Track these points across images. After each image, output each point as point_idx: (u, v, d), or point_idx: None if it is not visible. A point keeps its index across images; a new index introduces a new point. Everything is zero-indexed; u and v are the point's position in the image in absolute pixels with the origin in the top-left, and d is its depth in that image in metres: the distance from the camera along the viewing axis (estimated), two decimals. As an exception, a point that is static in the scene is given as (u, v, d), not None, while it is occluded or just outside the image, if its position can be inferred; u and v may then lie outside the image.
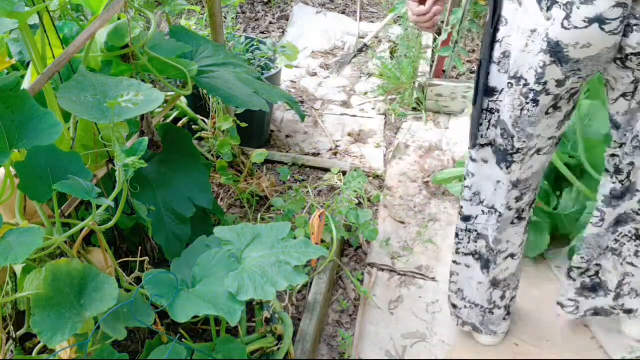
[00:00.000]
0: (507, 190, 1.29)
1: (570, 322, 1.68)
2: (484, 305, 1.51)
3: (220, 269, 1.12)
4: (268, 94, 1.52)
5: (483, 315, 1.53)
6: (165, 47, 1.39)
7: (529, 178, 1.29)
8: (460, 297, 1.55)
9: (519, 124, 1.18)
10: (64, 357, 1.05)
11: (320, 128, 2.66)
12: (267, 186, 2.09)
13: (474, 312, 1.54)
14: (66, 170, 1.04)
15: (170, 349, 1.06)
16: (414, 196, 2.21)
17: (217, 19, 1.80)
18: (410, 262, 1.90)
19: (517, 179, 1.28)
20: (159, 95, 1.06)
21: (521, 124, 1.18)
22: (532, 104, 1.13)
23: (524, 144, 1.21)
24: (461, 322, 1.59)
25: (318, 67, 3.24)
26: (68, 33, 1.44)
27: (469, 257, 1.47)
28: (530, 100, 1.13)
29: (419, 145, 2.51)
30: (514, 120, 1.18)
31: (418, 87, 2.70)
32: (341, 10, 3.87)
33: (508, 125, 1.20)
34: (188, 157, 1.57)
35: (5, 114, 0.97)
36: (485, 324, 1.55)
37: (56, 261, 0.97)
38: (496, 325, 1.56)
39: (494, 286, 1.48)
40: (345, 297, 1.78)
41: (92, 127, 1.26)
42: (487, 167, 1.31)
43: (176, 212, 1.47)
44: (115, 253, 1.43)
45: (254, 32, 3.62)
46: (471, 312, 1.55)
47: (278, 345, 1.45)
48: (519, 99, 1.15)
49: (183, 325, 1.46)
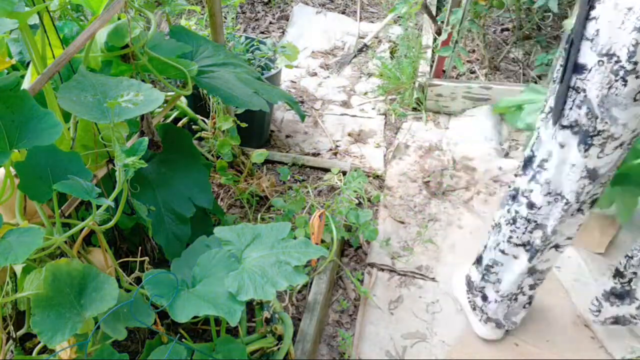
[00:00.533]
0: (579, 176, 1.26)
1: (570, 322, 1.68)
2: (513, 291, 1.49)
3: (220, 269, 1.12)
4: (268, 94, 1.52)
5: (509, 305, 1.52)
6: (165, 47, 1.39)
7: (604, 173, 1.26)
8: (496, 289, 1.53)
9: (605, 104, 1.17)
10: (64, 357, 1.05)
11: (320, 128, 2.66)
12: (267, 186, 2.09)
13: (502, 304, 1.53)
14: (66, 170, 1.04)
15: (170, 349, 1.06)
16: (414, 196, 2.21)
17: (217, 19, 1.80)
18: (410, 262, 1.90)
19: (593, 166, 1.25)
20: (159, 95, 1.06)
21: (607, 104, 1.16)
22: (621, 82, 1.13)
23: (607, 126, 1.19)
24: (485, 317, 1.59)
25: (318, 67, 3.24)
26: (68, 33, 1.44)
27: (519, 248, 1.43)
28: (619, 78, 1.12)
29: (419, 145, 2.51)
30: (600, 99, 1.17)
31: (418, 87, 2.70)
32: (341, 10, 3.87)
33: (594, 105, 1.18)
34: (188, 157, 1.57)
35: (5, 114, 0.97)
36: (507, 317, 1.55)
37: (56, 261, 0.97)
38: (515, 314, 1.56)
39: (530, 274, 1.46)
40: (345, 297, 1.78)
41: (92, 127, 1.26)
42: (565, 150, 1.27)
43: (176, 212, 1.47)
44: (115, 253, 1.43)
45: (254, 32, 3.62)
46: (500, 306, 1.54)
47: (278, 345, 1.45)
48: (608, 77, 1.14)
49: (183, 325, 1.46)
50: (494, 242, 1.50)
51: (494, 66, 3.00)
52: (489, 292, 1.56)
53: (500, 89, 2.63)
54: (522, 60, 3.04)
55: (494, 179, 2.28)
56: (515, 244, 1.43)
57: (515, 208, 1.41)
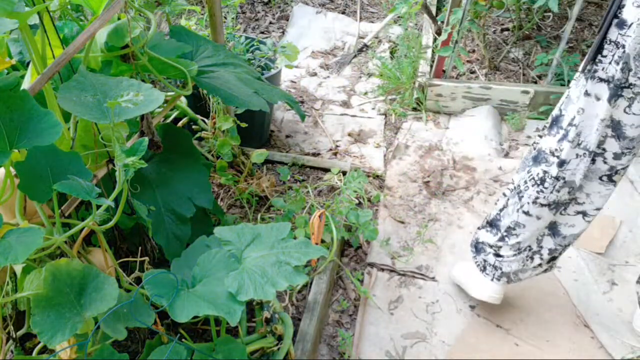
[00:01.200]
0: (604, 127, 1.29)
1: (570, 322, 1.68)
2: (532, 247, 1.52)
3: (220, 269, 1.12)
4: (268, 94, 1.52)
5: (524, 261, 1.54)
6: (165, 47, 1.39)
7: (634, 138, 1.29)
8: (516, 249, 1.53)
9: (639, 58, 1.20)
10: (64, 357, 1.05)
11: (320, 128, 2.66)
12: (267, 186, 2.09)
13: (519, 258, 1.54)
14: (66, 170, 1.04)
15: (170, 349, 1.06)
16: (414, 196, 2.21)
17: (217, 19, 1.80)
18: (410, 262, 1.90)
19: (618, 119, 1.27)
20: (159, 95, 1.06)
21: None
22: None
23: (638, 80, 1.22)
24: (498, 274, 1.59)
25: (318, 67, 3.24)
26: (68, 33, 1.43)
27: (544, 208, 1.44)
28: None
29: (419, 145, 2.51)
30: (636, 52, 1.20)
31: (418, 87, 2.70)
32: (341, 10, 3.87)
33: (630, 58, 1.22)
34: (188, 157, 1.57)
35: (5, 114, 0.97)
36: (517, 273, 1.57)
37: (56, 261, 0.97)
38: (525, 273, 1.57)
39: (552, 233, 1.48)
40: (345, 297, 1.78)
41: (92, 127, 1.26)
42: (599, 104, 1.29)
43: (176, 212, 1.47)
44: (115, 253, 1.43)
45: (254, 32, 3.62)
46: (516, 259, 1.54)
47: (278, 345, 1.45)
48: None
49: (183, 325, 1.46)
50: (515, 205, 1.49)
51: (494, 66, 3.00)
52: (506, 251, 1.55)
53: (500, 89, 2.63)
54: (522, 60, 3.04)
55: (494, 179, 2.28)
56: (541, 204, 1.43)
57: (543, 168, 1.40)
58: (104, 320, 0.96)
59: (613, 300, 1.75)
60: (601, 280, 1.82)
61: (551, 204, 1.43)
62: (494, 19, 3.39)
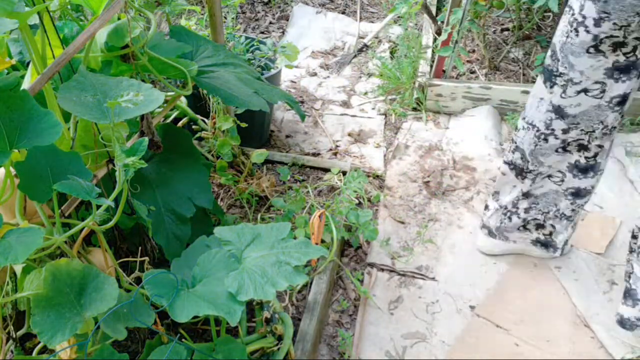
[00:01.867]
0: (546, 109, 1.49)
1: (570, 322, 1.68)
2: (508, 207, 1.76)
3: (220, 269, 1.12)
4: (268, 94, 1.52)
5: (502, 219, 1.79)
6: (165, 47, 1.39)
7: (576, 115, 1.45)
8: (496, 199, 1.80)
9: (563, 50, 1.35)
10: (64, 357, 1.05)
11: (320, 128, 2.66)
12: (267, 186, 2.09)
13: (497, 214, 1.80)
14: (66, 170, 1.04)
15: (170, 349, 1.06)
16: (414, 196, 2.21)
17: (217, 19, 1.80)
18: (410, 262, 1.90)
19: (558, 104, 1.45)
20: (159, 95, 1.06)
21: (565, 50, 1.34)
22: (574, 33, 1.30)
23: (566, 70, 1.37)
24: (481, 224, 1.89)
25: (318, 67, 3.24)
26: (68, 33, 1.44)
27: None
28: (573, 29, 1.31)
29: (419, 145, 2.51)
30: (560, 45, 1.36)
31: (418, 87, 2.70)
32: (341, 10, 3.87)
33: (557, 49, 1.38)
34: (188, 157, 1.57)
35: (5, 114, 0.97)
36: (500, 231, 1.83)
37: (56, 261, 0.97)
38: (509, 232, 1.82)
39: (525, 197, 1.72)
40: (345, 297, 1.78)
41: (92, 127, 1.26)
42: (538, 84, 1.51)
43: (176, 212, 1.47)
44: (115, 253, 1.43)
45: (254, 32, 3.62)
46: (495, 215, 1.81)
47: (278, 345, 1.45)
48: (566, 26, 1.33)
49: (183, 325, 1.46)
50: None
51: (494, 66, 3.00)
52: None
53: (500, 89, 2.63)
54: (522, 60, 3.04)
55: (494, 179, 2.28)
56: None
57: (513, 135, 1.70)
58: (104, 320, 0.96)
59: (613, 300, 1.75)
60: (601, 280, 1.82)
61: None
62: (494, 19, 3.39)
